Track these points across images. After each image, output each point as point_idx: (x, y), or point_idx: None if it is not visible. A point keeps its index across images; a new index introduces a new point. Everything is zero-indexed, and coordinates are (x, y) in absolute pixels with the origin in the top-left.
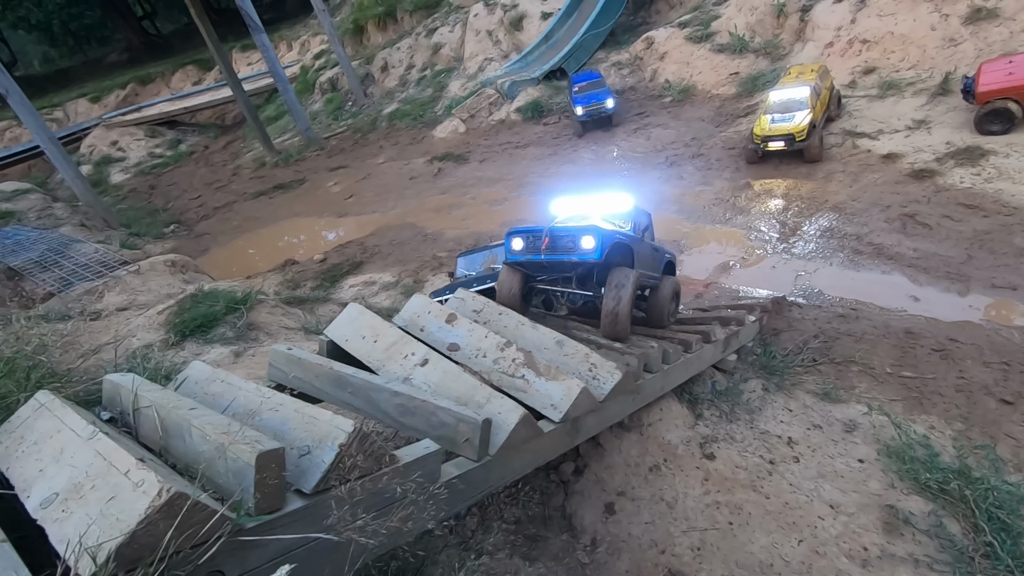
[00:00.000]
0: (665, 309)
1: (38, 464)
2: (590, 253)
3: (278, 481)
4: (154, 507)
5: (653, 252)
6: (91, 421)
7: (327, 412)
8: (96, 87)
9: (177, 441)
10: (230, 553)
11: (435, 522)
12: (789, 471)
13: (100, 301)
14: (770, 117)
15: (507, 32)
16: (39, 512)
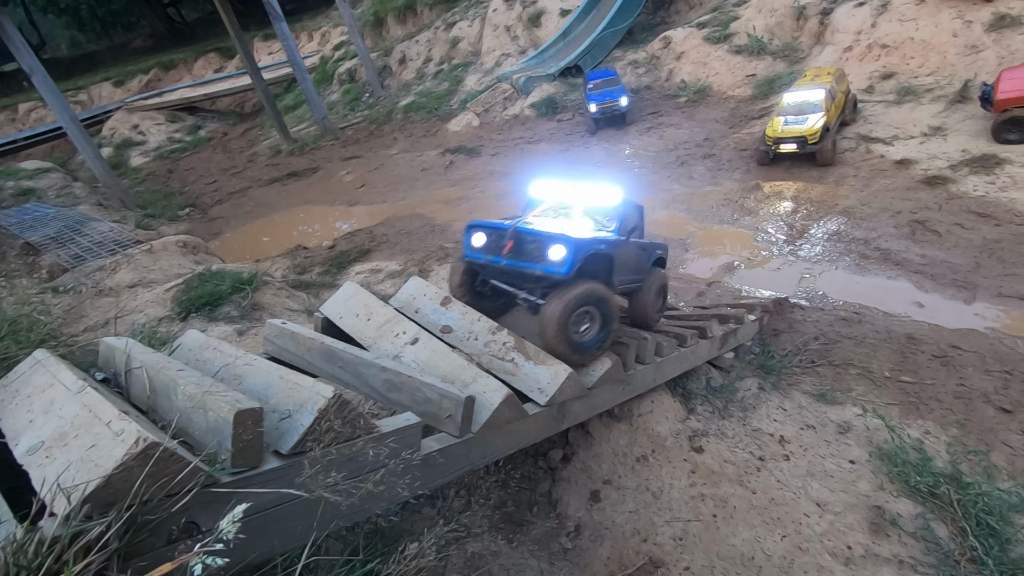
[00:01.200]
0: (649, 309)
1: (28, 415)
2: (557, 267)
3: (254, 439)
4: (131, 454)
5: (639, 252)
6: (82, 377)
7: (310, 379)
8: (120, 71)
9: (164, 400)
10: (204, 505)
11: (410, 492)
12: (778, 468)
13: (112, 278)
14: (783, 119)
15: (525, 28)
16: (25, 458)
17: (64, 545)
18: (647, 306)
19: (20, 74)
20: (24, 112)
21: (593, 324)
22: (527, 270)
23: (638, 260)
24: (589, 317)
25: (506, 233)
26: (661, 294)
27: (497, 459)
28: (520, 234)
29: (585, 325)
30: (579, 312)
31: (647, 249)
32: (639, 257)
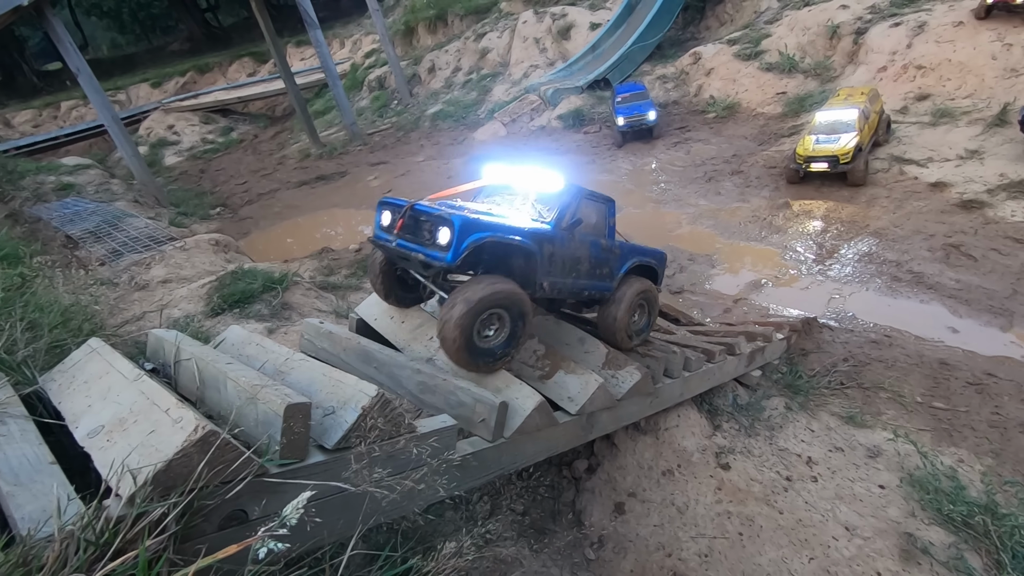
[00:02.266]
0: (618, 327)
1: (87, 400)
2: (441, 252)
3: (302, 432)
4: (190, 441)
5: (598, 253)
6: (137, 366)
7: (352, 377)
8: (157, 73)
9: (212, 392)
10: (253, 494)
11: (446, 492)
12: (806, 489)
13: (147, 272)
14: (815, 138)
15: (554, 40)
16: (86, 441)
17: (127, 525)
18: (615, 322)
19: (63, 73)
20: (66, 110)
21: (501, 329)
22: (413, 253)
23: (594, 263)
24: (498, 321)
25: (401, 209)
26: (640, 311)
27: (527, 465)
28: (415, 211)
29: (492, 330)
30: (487, 315)
31: (615, 252)
32: (596, 259)
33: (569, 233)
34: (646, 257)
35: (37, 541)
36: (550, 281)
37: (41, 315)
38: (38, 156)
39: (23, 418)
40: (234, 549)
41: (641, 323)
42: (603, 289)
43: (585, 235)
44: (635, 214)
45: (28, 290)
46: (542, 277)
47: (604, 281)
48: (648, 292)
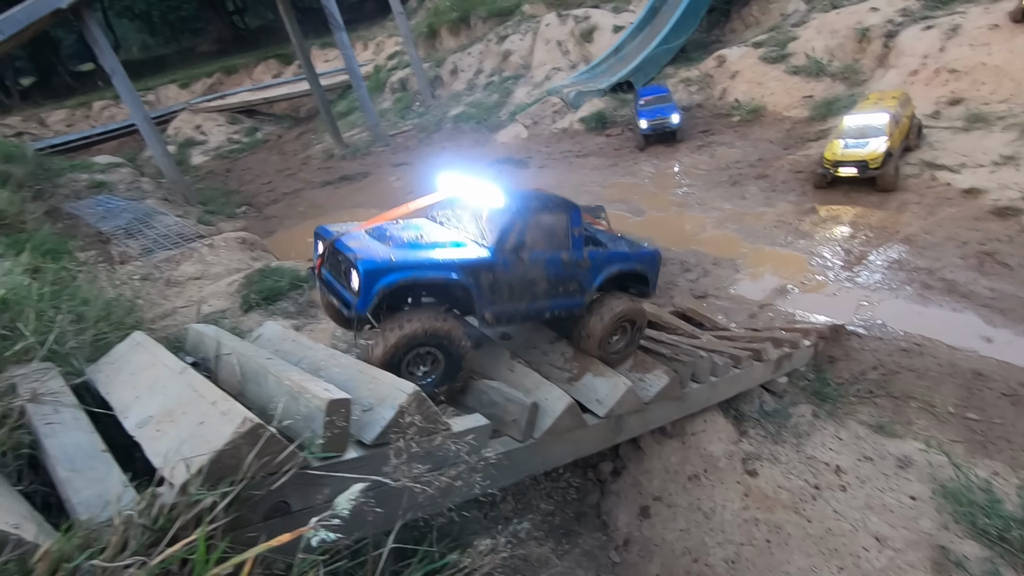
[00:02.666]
0: (593, 340)
1: (134, 391)
2: (355, 297)
3: (343, 428)
4: (238, 433)
5: (562, 271)
6: (181, 359)
7: (389, 375)
8: (186, 74)
9: (253, 386)
10: (296, 486)
11: (480, 490)
12: (835, 498)
13: (177, 269)
14: (843, 142)
15: (577, 43)
16: (136, 431)
17: (180, 512)
18: (591, 339)
19: (95, 74)
20: (97, 109)
21: (436, 366)
22: (331, 289)
23: (556, 281)
24: (430, 359)
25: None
26: (622, 333)
27: (556, 467)
28: (337, 248)
29: (422, 368)
30: (413, 354)
31: (583, 265)
32: (557, 277)
33: (514, 256)
34: (630, 263)
35: (98, 525)
36: (495, 311)
37: (85, 308)
38: (71, 154)
39: (75, 407)
40: (287, 538)
41: (620, 343)
42: (571, 307)
43: (538, 252)
44: (658, 217)
45: (72, 284)
46: (483, 308)
47: (572, 297)
48: (629, 313)
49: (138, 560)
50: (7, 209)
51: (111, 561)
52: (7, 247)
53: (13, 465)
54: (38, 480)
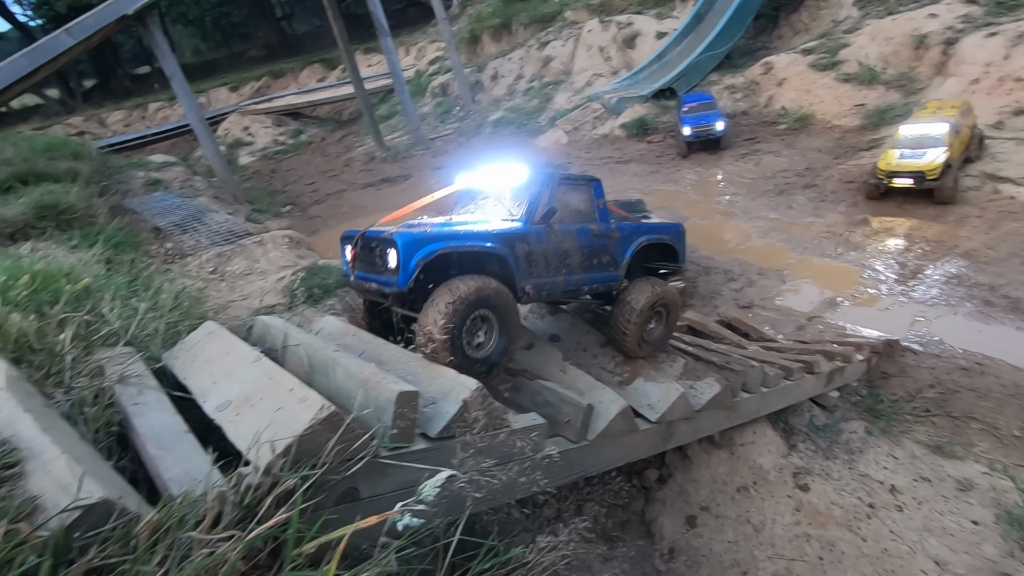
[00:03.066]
0: (630, 336)
1: (211, 377)
2: (392, 277)
3: (412, 419)
4: (317, 419)
5: (593, 241)
6: (255, 349)
7: (451, 370)
8: (235, 78)
9: (321, 377)
10: (367, 474)
11: (538, 488)
12: (890, 518)
13: (228, 264)
14: (898, 152)
15: (619, 49)
16: (215, 414)
17: (263, 493)
18: (624, 333)
19: (151, 77)
20: (153, 111)
21: (490, 331)
22: (368, 284)
23: (588, 252)
24: (485, 324)
25: (354, 239)
26: (657, 319)
27: (607, 469)
28: (365, 238)
29: (481, 335)
30: (471, 319)
31: (613, 236)
32: (590, 248)
33: (546, 226)
34: (657, 234)
35: (191, 500)
36: (534, 283)
37: (158, 298)
38: (128, 153)
39: (157, 389)
40: (374, 520)
41: (657, 332)
42: (608, 280)
43: (568, 224)
44: (701, 225)
45: (142, 275)
46: (523, 280)
47: (607, 270)
48: (665, 296)
49: (233, 533)
50: (77, 204)
51: (206, 534)
52: (81, 239)
53: (105, 442)
54: (126, 457)
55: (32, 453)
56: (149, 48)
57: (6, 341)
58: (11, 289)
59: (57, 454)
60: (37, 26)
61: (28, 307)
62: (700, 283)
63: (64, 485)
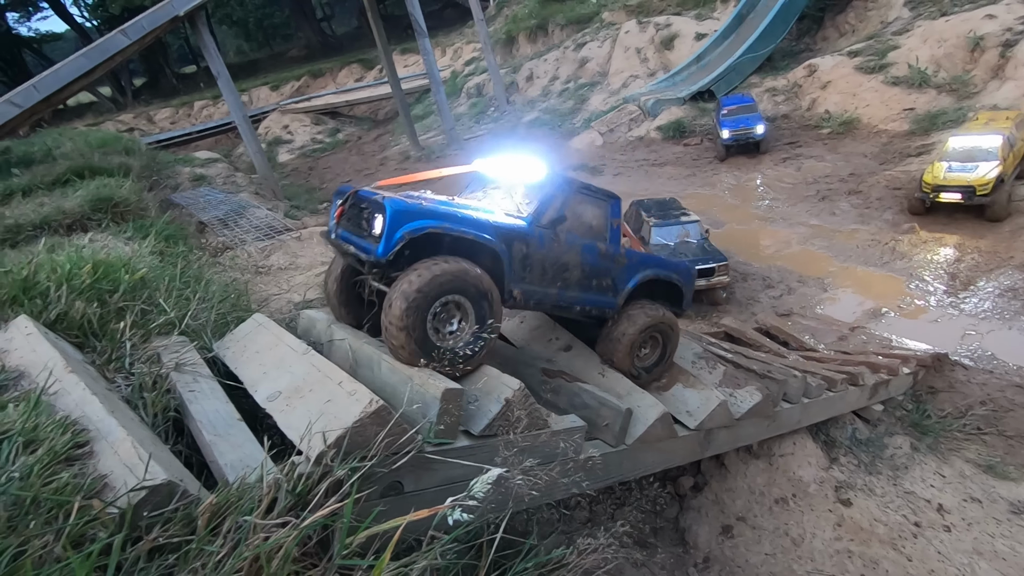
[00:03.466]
0: (619, 360)
1: (261, 368)
2: (374, 244)
3: (456, 417)
4: (366, 413)
5: (598, 261)
6: (303, 342)
7: (493, 369)
8: (276, 78)
9: (366, 371)
10: (411, 468)
11: (578, 489)
12: (938, 539)
13: (268, 259)
14: (946, 165)
15: (656, 50)
16: (267, 404)
17: (314, 482)
18: (613, 355)
19: (197, 76)
20: (198, 109)
21: (465, 319)
22: (347, 245)
23: (589, 271)
24: (458, 311)
25: (344, 197)
26: (652, 344)
27: (644, 475)
28: (357, 197)
29: (454, 323)
30: (440, 303)
31: (619, 260)
32: (592, 267)
33: (551, 232)
34: (666, 271)
35: (247, 486)
36: (523, 289)
37: (209, 290)
38: (173, 149)
39: (210, 378)
40: (425, 513)
41: (650, 360)
42: (603, 305)
43: (575, 237)
44: (738, 230)
45: (192, 267)
46: (513, 283)
47: (604, 295)
48: (663, 323)
49: (288, 520)
50: (130, 197)
51: (261, 519)
52: (134, 231)
53: (162, 426)
54: (181, 442)
55: (100, 434)
56: (196, 48)
57: (71, 326)
58: (75, 277)
59: (123, 436)
60: (92, 27)
61: (91, 295)
62: (737, 289)
63: (130, 465)
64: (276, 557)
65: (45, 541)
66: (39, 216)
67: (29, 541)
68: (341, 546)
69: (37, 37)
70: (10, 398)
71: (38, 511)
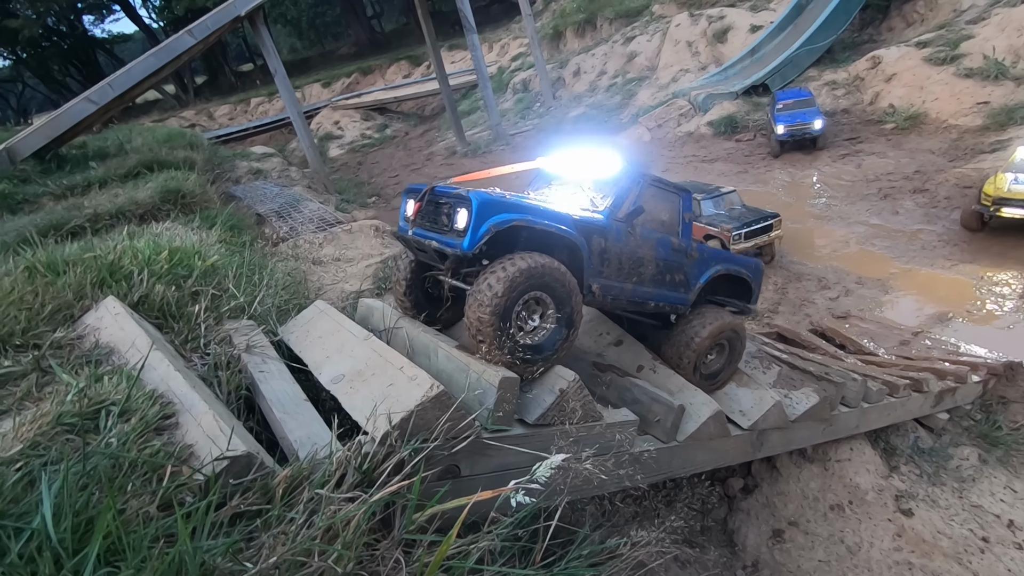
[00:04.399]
0: (685, 363)
1: (324, 352)
2: (458, 239)
3: (512, 405)
4: (427, 397)
5: (671, 256)
6: (364, 328)
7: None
8: (328, 75)
9: (423, 359)
10: (468, 453)
11: (630, 482)
12: (1007, 556)
13: (320, 250)
14: (1012, 176)
15: (708, 44)
16: (331, 386)
17: (378, 461)
18: (680, 358)
19: (253, 73)
20: (254, 105)
21: (546, 316)
22: (427, 242)
23: (663, 266)
24: (539, 307)
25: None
26: (719, 351)
27: (694, 472)
28: (434, 194)
29: (535, 318)
30: (526, 297)
31: (692, 255)
32: (666, 262)
33: (627, 225)
34: (736, 266)
35: (320, 461)
36: (601, 284)
37: (273, 277)
38: (231, 144)
39: (277, 360)
40: (489, 494)
41: (716, 365)
42: (675, 302)
43: (650, 231)
44: (793, 229)
45: (255, 256)
46: (591, 278)
47: (677, 291)
48: (734, 329)
49: (357, 494)
50: (196, 190)
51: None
52: (201, 221)
53: (235, 403)
54: (252, 419)
55: (184, 407)
56: (253, 47)
57: (151, 308)
58: (154, 263)
59: (205, 409)
60: (159, 28)
61: (168, 279)
62: (790, 290)
63: (212, 437)
64: (349, 528)
65: (142, 502)
66: (115, 206)
67: (128, 501)
68: (408, 521)
69: (109, 38)
70: (104, 372)
71: (134, 474)
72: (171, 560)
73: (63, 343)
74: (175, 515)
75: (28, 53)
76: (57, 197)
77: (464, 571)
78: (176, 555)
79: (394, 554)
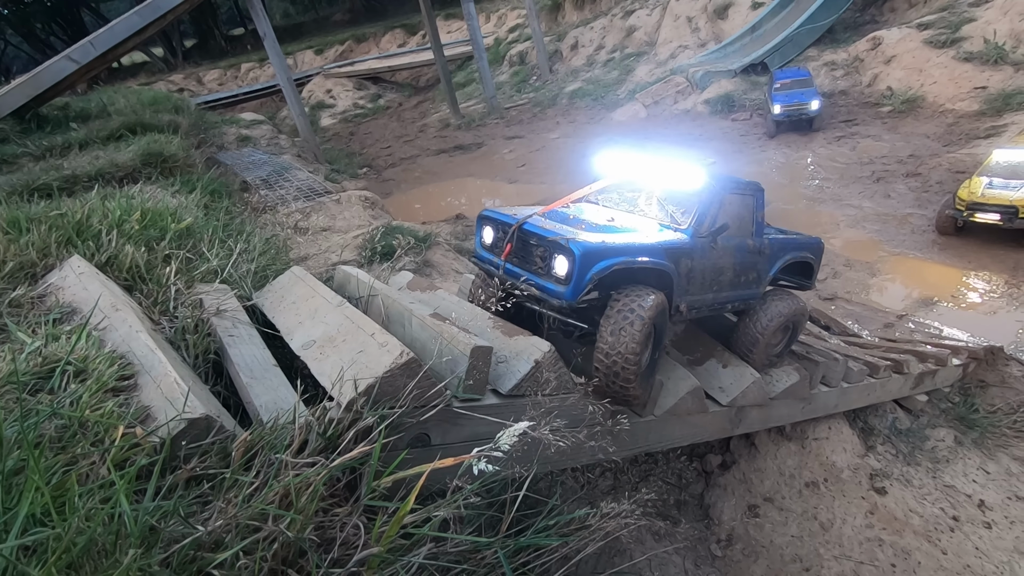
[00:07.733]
0: (759, 346)
1: (296, 318)
2: (559, 286)
3: (484, 373)
4: (396, 364)
5: (747, 258)
6: (337, 295)
7: (524, 331)
8: (321, 41)
9: (397, 327)
10: (439, 422)
11: (603, 456)
12: (976, 534)
13: (307, 220)
14: (986, 180)
15: (709, 20)
16: (301, 351)
17: (344, 427)
18: (756, 339)
19: (245, 38)
20: (244, 71)
21: (650, 346)
22: (518, 280)
23: (740, 270)
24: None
25: (508, 230)
26: (783, 332)
27: (671, 447)
28: (526, 232)
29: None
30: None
31: (764, 252)
32: (742, 265)
33: (710, 241)
34: (801, 251)
35: (279, 426)
36: (688, 301)
37: (250, 243)
38: (221, 110)
39: (248, 325)
40: (451, 461)
41: (780, 346)
42: (748, 298)
43: (729, 239)
44: (785, 210)
45: (234, 221)
46: (679, 298)
47: (750, 288)
48: (799, 313)
49: (318, 460)
50: (178, 153)
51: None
52: (181, 184)
53: (202, 367)
54: (220, 383)
55: (144, 368)
56: (244, 10)
57: (120, 270)
58: (125, 223)
59: (166, 371)
60: None
61: (139, 241)
62: None
63: (171, 399)
64: (305, 493)
65: (91, 462)
66: (94, 168)
67: (77, 461)
68: (368, 488)
69: None
70: (62, 331)
71: (85, 434)
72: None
73: (22, 301)
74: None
75: (10, 10)
76: (36, 158)
77: (426, 539)
78: (115, 515)
79: (353, 520)
